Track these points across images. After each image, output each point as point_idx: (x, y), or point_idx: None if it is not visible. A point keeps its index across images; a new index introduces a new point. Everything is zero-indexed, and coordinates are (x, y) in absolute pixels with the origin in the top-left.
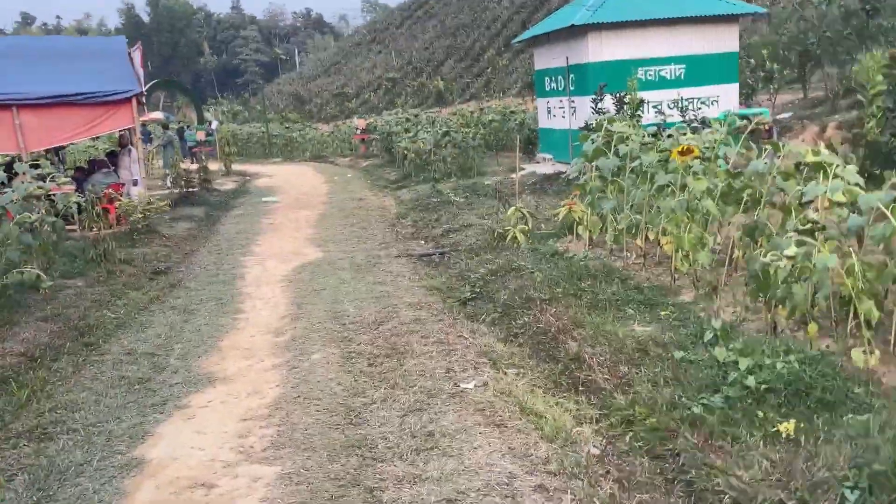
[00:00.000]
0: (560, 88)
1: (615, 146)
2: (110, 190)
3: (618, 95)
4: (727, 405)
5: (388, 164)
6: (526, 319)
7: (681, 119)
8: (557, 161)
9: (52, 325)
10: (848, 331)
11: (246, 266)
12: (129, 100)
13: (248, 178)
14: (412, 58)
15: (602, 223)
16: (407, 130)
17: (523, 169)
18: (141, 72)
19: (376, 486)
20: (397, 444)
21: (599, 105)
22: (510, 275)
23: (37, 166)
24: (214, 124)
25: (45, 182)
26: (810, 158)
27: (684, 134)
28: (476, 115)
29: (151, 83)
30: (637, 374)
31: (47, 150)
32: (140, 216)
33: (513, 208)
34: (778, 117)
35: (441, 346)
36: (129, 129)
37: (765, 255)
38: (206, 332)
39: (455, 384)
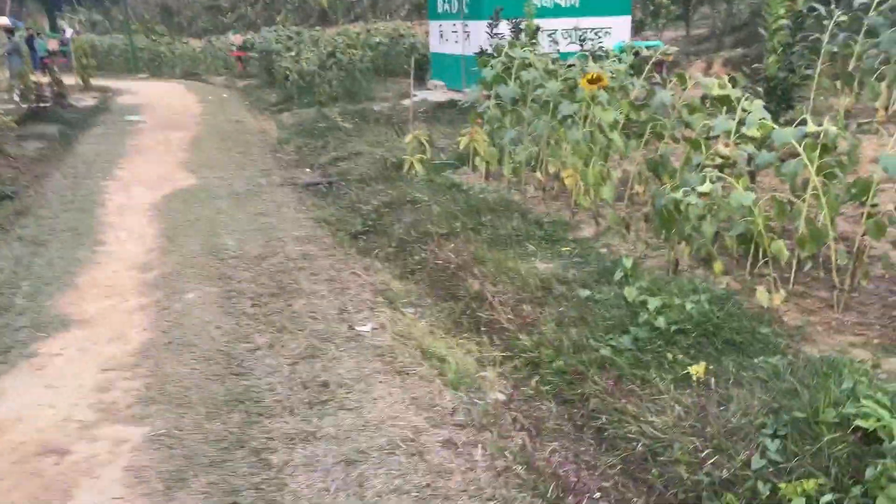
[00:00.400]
0: (454, 11)
1: (516, 73)
2: None
3: (514, 21)
4: (636, 347)
5: (267, 84)
6: (423, 255)
7: (580, 49)
8: (450, 88)
9: None
10: (748, 269)
11: (108, 192)
12: None
13: (109, 94)
14: None
15: (500, 155)
16: (289, 49)
17: (415, 96)
18: None
19: (264, 446)
20: (287, 397)
21: (495, 31)
22: (405, 207)
23: None
24: (69, 32)
25: None
26: (716, 91)
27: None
28: (363, 36)
29: None
30: (541, 313)
31: None
32: None
33: (410, 135)
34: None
35: (333, 285)
36: None
37: (673, 191)
38: (59, 267)
39: (350, 327)
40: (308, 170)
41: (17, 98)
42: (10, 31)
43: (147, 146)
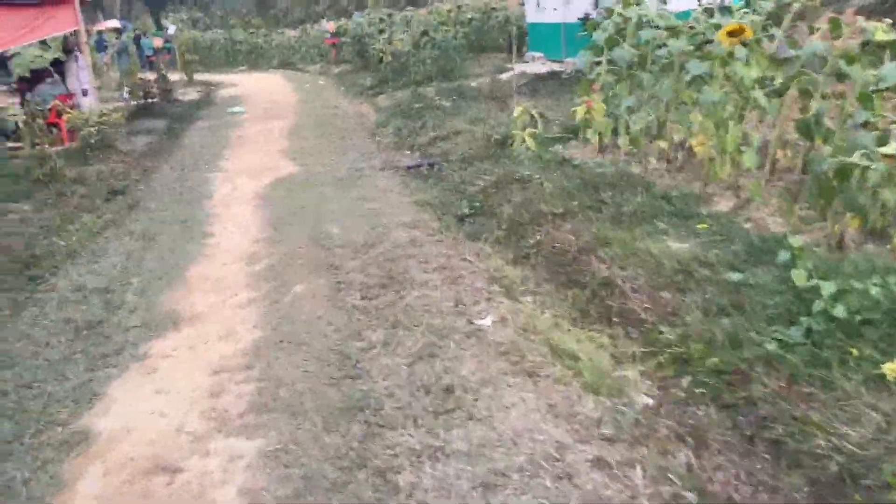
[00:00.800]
0: None
1: (632, 34)
2: (58, 102)
3: None
4: (810, 341)
5: (361, 69)
6: (537, 238)
7: (698, 4)
8: (549, 59)
9: None
10: None
11: (214, 183)
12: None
13: (212, 87)
14: None
15: (615, 124)
16: (381, 32)
17: (511, 69)
18: None
19: (388, 465)
20: (409, 404)
21: None
22: (513, 186)
23: None
24: (172, 29)
25: None
26: (881, 37)
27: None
28: (453, 14)
29: None
30: (683, 301)
31: None
32: (92, 130)
33: (520, 108)
34: None
35: (444, 273)
36: (74, 33)
37: (834, 154)
38: (169, 261)
39: (468, 320)
40: (408, 152)
41: (126, 95)
42: (118, 32)
43: (249, 136)
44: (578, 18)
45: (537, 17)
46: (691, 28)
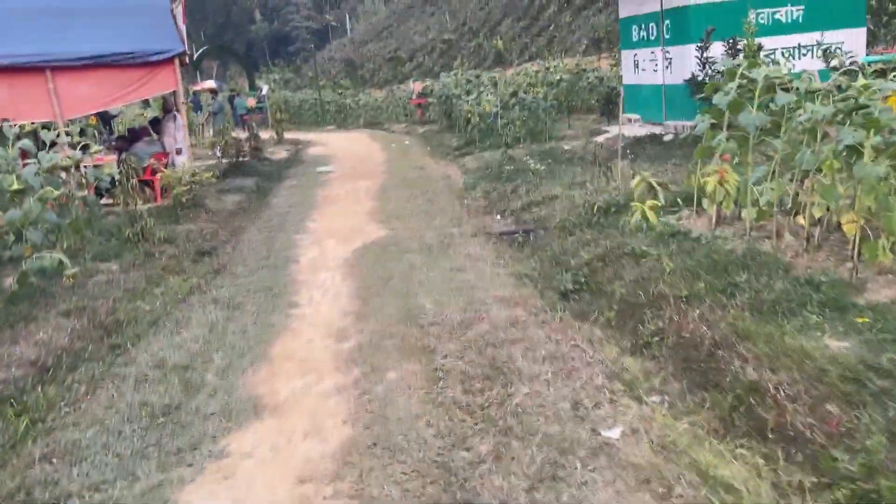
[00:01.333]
0: (651, 38)
1: (760, 97)
2: (153, 160)
3: (729, 42)
4: None
5: (447, 129)
6: (659, 324)
7: (825, 66)
8: (647, 122)
9: (76, 320)
10: None
11: (300, 247)
12: (171, 60)
13: (300, 146)
14: (467, 18)
15: (738, 195)
16: (468, 93)
17: (606, 132)
18: (184, 29)
19: None
20: None
21: (705, 54)
22: (624, 261)
23: (80, 133)
24: (265, 90)
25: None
26: None
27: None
28: (541, 75)
29: (202, 50)
30: (858, 418)
31: (95, 118)
32: (184, 189)
33: (638, 177)
34: None
35: (556, 364)
36: (172, 94)
37: None
38: (252, 335)
39: (592, 429)
40: (499, 217)
41: (218, 154)
42: (214, 93)
43: (336, 196)
44: (685, 81)
45: (635, 78)
46: (838, 90)
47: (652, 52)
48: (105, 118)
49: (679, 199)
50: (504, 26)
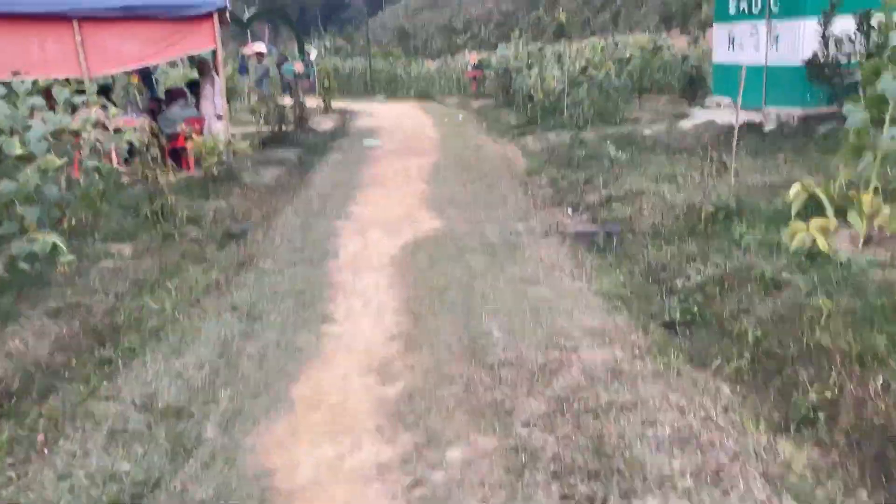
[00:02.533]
0: (754, 10)
1: None
2: (185, 126)
3: (859, 15)
4: None
5: (504, 105)
6: (826, 394)
7: None
8: (741, 107)
9: (64, 323)
10: None
11: (341, 237)
12: (209, 16)
13: (348, 116)
14: None
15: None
16: (530, 66)
17: (690, 116)
18: None
19: None
20: None
21: (829, 30)
22: (751, 288)
23: (105, 91)
24: (313, 54)
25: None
26: None
27: None
28: (609, 50)
29: (254, 13)
30: None
31: (137, 76)
32: (216, 160)
33: (796, 186)
34: None
35: (688, 452)
36: (212, 54)
37: None
38: (273, 363)
39: None
40: (571, 211)
41: (261, 121)
42: (261, 56)
43: (384, 176)
44: (803, 61)
45: (728, 56)
46: None
47: (753, 27)
48: (147, 77)
49: (808, 209)
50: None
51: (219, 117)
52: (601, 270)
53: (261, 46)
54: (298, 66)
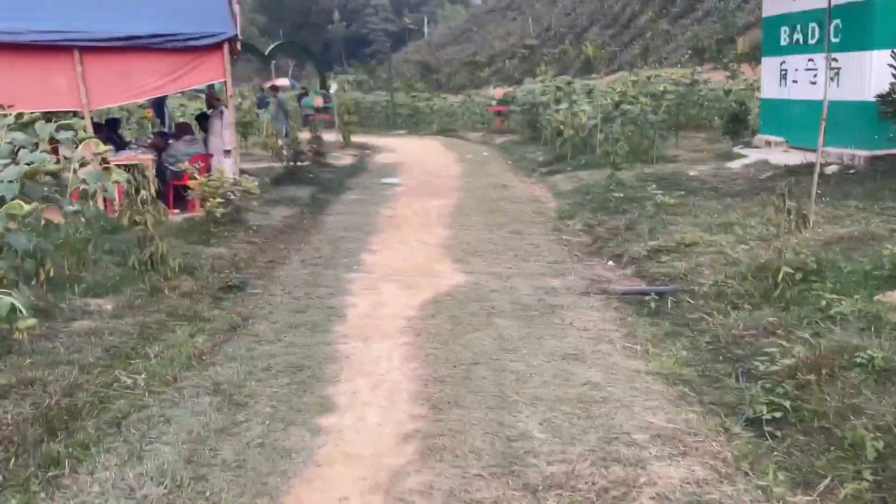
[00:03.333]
0: (811, 41)
1: None
2: (185, 165)
3: None
4: None
5: (530, 141)
6: None
7: None
8: (794, 146)
9: (12, 406)
10: None
11: (351, 293)
12: (219, 45)
13: (368, 151)
14: (551, 24)
15: None
16: (558, 101)
17: (741, 156)
18: (237, 10)
19: None
20: None
21: None
22: (858, 375)
23: (113, 124)
24: (333, 88)
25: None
26: None
27: None
28: (640, 84)
29: (275, 45)
30: None
31: (150, 110)
32: (218, 201)
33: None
34: None
35: None
36: (223, 85)
37: None
38: (251, 478)
39: None
40: (612, 263)
41: (280, 156)
42: (276, 90)
43: (403, 218)
44: (876, 97)
45: (780, 92)
46: None
47: (810, 60)
48: (161, 110)
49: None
50: (591, 34)
51: (227, 153)
52: (658, 343)
53: (284, 81)
54: (318, 101)
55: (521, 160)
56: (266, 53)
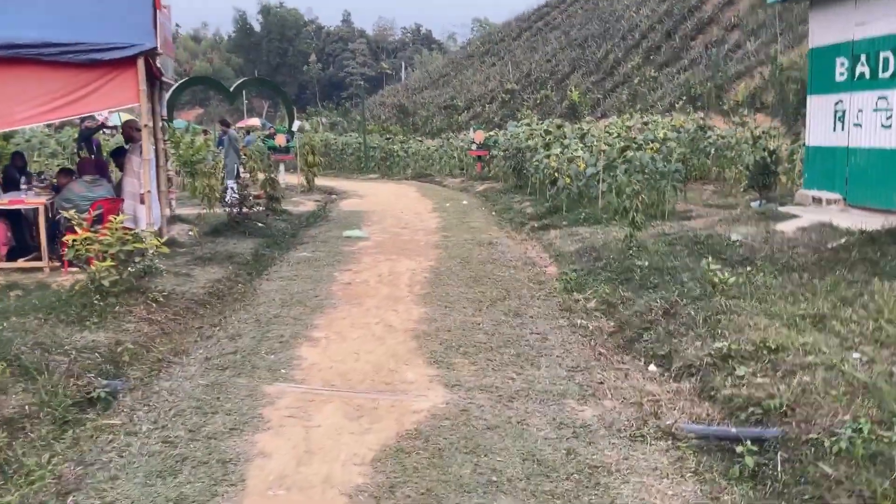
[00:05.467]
0: (882, 75)
1: None
2: (72, 216)
3: None
4: None
5: (515, 189)
6: None
7: None
8: (856, 205)
9: None
10: None
11: (266, 425)
12: (132, 61)
13: (333, 196)
14: (531, 70)
15: None
16: (548, 146)
17: (790, 216)
18: (169, 24)
19: None
20: None
21: None
22: None
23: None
24: (297, 125)
25: None
26: None
27: None
28: (640, 129)
29: (240, 81)
30: None
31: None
32: (111, 265)
33: None
34: None
35: None
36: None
37: None
38: None
39: None
40: (654, 368)
41: (226, 201)
42: (226, 125)
43: (364, 286)
44: None
45: (834, 138)
46: None
47: (881, 99)
48: (87, 138)
49: None
50: (572, 80)
51: (142, 199)
52: None
53: (256, 121)
54: (279, 139)
55: (506, 211)
56: (231, 90)
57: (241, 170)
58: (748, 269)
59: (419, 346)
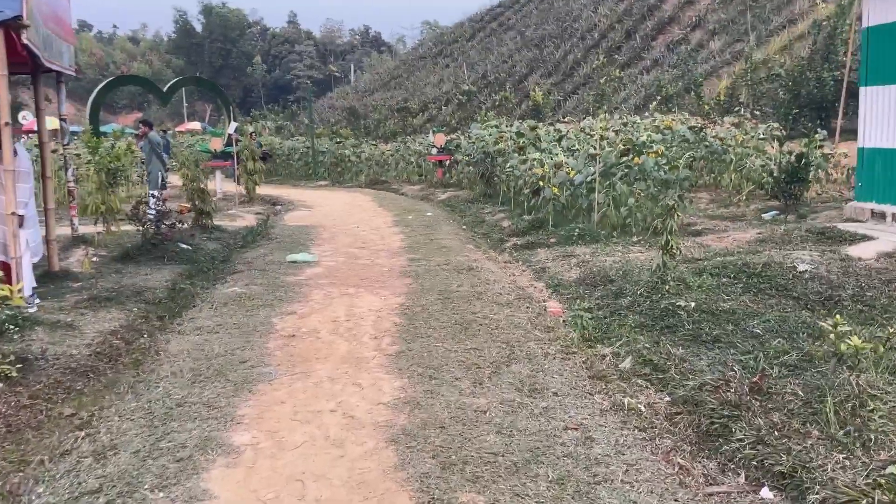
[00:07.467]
0: None
1: None
2: None
3: None
4: None
5: (484, 198)
6: None
7: None
8: None
9: None
10: None
11: None
12: None
13: (278, 208)
14: (487, 71)
15: None
16: (521, 150)
17: (859, 237)
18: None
19: None
20: None
21: None
22: None
23: None
24: (232, 128)
25: None
26: None
27: None
28: (612, 132)
29: (175, 80)
30: None
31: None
32: None
33: None
34: None
35: None
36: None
37: None
38: None
39: None
40: (770, 496)
41: (151, 209)
42: (148, 126)
43: (313, 342)
44: None
45: None
46: None
47: None
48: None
49: None
50: (531, 81)
51: (21, 222)
52: None
53: (196, 124)
54: (215, 143)
55: (478, 224)
56: (165, 90)
57: (166, 178)
58: (873, 324)
59: (400, 463)
